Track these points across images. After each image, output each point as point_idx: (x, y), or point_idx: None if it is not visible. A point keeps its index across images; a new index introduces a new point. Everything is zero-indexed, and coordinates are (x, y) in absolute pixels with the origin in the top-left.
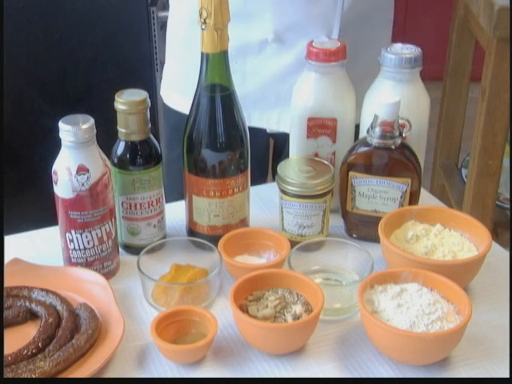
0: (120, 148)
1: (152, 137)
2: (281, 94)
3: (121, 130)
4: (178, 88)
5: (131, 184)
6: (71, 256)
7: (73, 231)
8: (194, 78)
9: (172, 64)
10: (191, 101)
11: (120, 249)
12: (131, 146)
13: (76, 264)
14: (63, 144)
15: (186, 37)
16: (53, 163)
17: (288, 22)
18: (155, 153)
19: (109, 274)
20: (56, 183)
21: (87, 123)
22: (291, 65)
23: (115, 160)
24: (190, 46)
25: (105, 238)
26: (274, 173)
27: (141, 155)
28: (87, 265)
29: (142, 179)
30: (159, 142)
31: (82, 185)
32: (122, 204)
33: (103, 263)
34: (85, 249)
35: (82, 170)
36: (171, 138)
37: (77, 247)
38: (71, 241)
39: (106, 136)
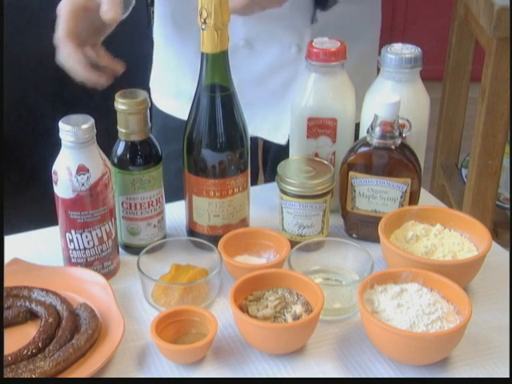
0: (120, 148)
1: (152, 137)
2: (255, 99)
3: (121, 130)
4: (163, 89)
5: (131, 184)
6: (71, 256)
7: (73, 231)
8: (178, 79)
9: (156, 65)
10: (175, 102)
11: (120, 249)
12: (131, 146)
13: (76, 264)
14: (63, 144)
15: (167, 39)
16: (53, 163)
17: (258, 29)
18: (155, 153)
19: (109, 274)
20: (56, 183)
21: (87, 123)
22: (263, 71)
23: (115, 160)
24: (172, 47)
25: (105, 237)
26: (265, 175)
27: (141, 155)
28: (87, 265)
29: (142, 179)
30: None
31: (82, 185)
32: (122, 204)
33: (103, 263)
34: (85, 249)
35: (81, 169)
36: (158, 140)
37: (77, 247)
38: (71, 241)
39: (106, 136)
